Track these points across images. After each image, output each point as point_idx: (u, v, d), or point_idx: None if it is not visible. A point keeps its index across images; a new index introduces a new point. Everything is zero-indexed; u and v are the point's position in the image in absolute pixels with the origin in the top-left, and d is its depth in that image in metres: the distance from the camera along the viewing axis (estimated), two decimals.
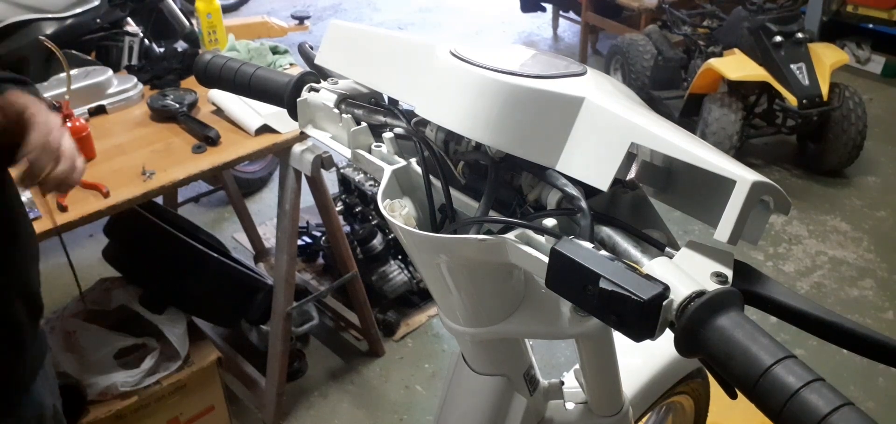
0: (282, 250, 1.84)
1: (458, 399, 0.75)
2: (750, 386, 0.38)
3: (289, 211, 1.80)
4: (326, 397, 2.15)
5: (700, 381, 1.16)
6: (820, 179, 3.32)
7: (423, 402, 2.13)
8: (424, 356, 2.29)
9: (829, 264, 2.76)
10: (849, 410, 0.35)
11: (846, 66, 3.65)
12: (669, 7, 3.94)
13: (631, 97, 0.55)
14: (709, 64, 3.26)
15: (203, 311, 1.92)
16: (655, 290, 0.40)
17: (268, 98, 0.77)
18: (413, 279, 2.36)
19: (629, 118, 0.47)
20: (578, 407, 0.85)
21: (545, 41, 5.33)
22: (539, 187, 0.56)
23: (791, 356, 0.37)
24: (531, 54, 0.56)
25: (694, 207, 0.51)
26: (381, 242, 2.32)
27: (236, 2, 5.88)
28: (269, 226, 2.78)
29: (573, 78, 0.52)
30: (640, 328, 0.41)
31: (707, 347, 0.40)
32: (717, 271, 0.43)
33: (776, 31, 3.13)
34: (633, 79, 3.83)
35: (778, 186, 0.45)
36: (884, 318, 2.47)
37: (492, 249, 0.53)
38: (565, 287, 0.45)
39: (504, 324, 0.66)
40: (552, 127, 0.50)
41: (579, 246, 0.44)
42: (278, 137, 1.68)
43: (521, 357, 0.75)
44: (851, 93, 3.13)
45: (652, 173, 0.52)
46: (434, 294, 0.68)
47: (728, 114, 3.10)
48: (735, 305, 0.41)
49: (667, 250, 0.50)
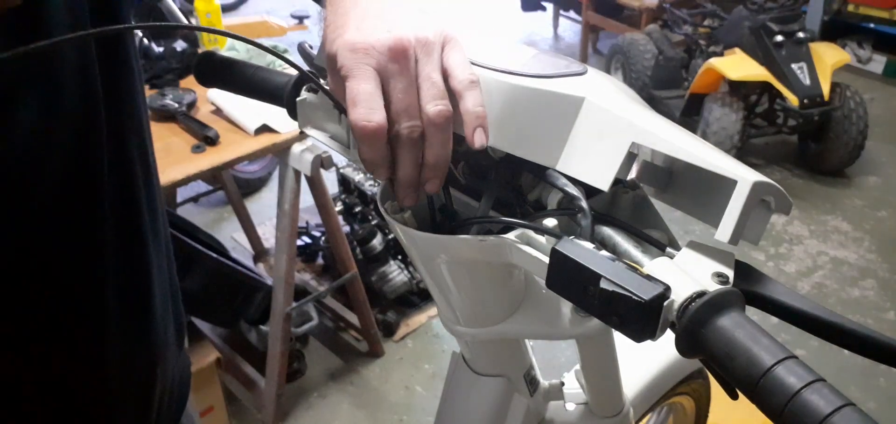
0: (281, 250, 1.84)
1: (458, 399, 0.75)
2: (751, 387, 0.37)
3: (288, 211, 1.80)
4: (326, 397, 2.15)
5: (701, 382, 1.16)
6: (821, 179, 3.32)
7: (423, 403, 2.13)
8: (424, 356, 2.29)
9: (830, 264, 2.76)
10: (850, 410, 0.35)
11: (847, 65, 3.65)
12: (670, 6, 3.94)
13: (632, 97, 0.55)
14: (710, 63, 3.26)
15: (202, 311, 1.92)
16: (656, 290, 0.40)
17: (267, 97, 0.77)
18: (413, 279, 2.36)
19: (630, 118, 0.47)
20: (579, 408, 0.85)
21: (546, 41, 5.33)
22: (539, 186, 0.56)
23: (792, 357, 0.37)
24: (532, 54, 0.56)
25: (695, 207, 0.51)
26: (380, 242, 2.32)
27: (235, 1, 5.88)
28: (268, 226, 2.78)
29: (574, 78, 0.51)
30: (641, 329, 0.40)
31: (708, 347, 0.39)
32: (718, 271, 0.43)
33: (777, 31, 3.13)
34: (633, 78, 3.83)
35: (779, 186, 0.44)
36: (885, 318, 2.47)
37: (492, 249, 0.52)
38: (566, 288, 0.45)
39: (504, 324, 0.66)
40: (552, 127, 0.50)
41: (580, 246, 0.44)
42: (278, 137, 1.67)
43: (521, 358, 0.74)
44: (852, 93, 3.13)
45: (653, 172, 0.52)
46: (434, 295, 0.67)
47: (729, 113, 3.10)
48: (736, 305, 0.41)
49: (668, 250, 0.50)
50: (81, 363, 0.62)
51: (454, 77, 0.49)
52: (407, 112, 0.48)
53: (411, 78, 0.48)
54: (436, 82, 0.48)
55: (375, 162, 0.49)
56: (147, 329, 0.67)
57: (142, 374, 0.68)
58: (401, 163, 0.50)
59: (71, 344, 0.60)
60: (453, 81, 0.49)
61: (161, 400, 0.72)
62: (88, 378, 0.63)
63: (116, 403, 0.66)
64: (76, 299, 0.60)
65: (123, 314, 0.63)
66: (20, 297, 0.56)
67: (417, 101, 0.48)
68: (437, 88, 0.48)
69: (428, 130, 0.48)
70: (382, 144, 0.48)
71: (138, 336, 0.67)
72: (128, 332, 0.64)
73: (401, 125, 0.48)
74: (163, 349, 0.70)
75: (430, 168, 0.50)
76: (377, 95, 0.47)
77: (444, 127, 0.49)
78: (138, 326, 0.66)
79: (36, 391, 0.60)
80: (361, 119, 0.47)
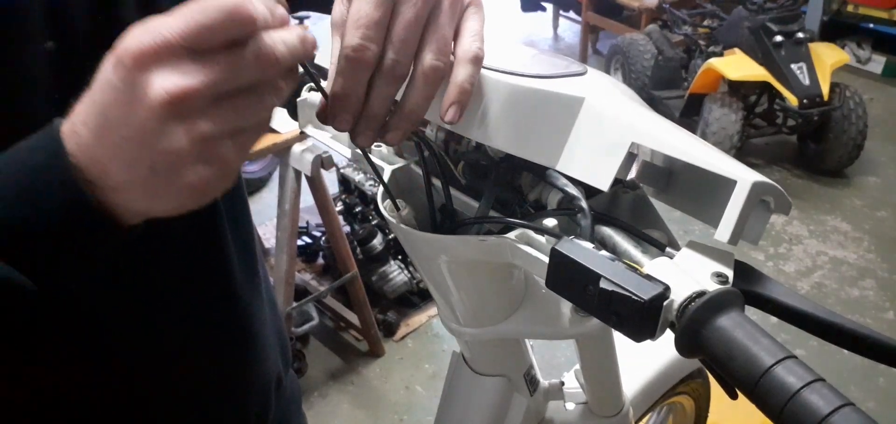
0: (282, 250, 1.84)
1: (458, 399, 0.75)
2: (750, 386, 0.37)
3: (289, 211, 1.80)
4: (326, 397, 2.15)
5: (700, 381, 1.16)
6: (820, 179, 3.32)
7: (423, 402, 2.13)
8: (424, 356, 2.29)
9: (830, 264, 2.76)
10: (849, 410, 0.35)
11: (847, 65, 3.66)
12: (670, 7, 3.94)
13: (632, 97, 0.55)
14: (709, 64, 3.27)
15: None
16: (656, 290, 0.40)
17: None
18: (413, 279, 2.36)
19: (629, 119, 0.47)
20: (579, 408, 0.85)
21: (545, 41, 5.33)
22: (539, 187, 0.56)
23: (792, 357, 0.37)
24: (531, 54, 0.56)
25: (694, 207, 0.51)
26: (381, 242, 2.32)
27: None
28: (268, 226, 2.78)
29: (573, 78, 0.51)
30: (640, 329, 0.41)
31: (707, 347, 0.40)
32: (718, 271, 0.43)
33: (777, 31, 3.13)
34: (633, 79, 3.83)
35: (778, 186, 0.45)
36: (884, 318, 2.47)
37: (492, 249, 0.53)
38: (565, 287, 0.45)
39: (504, 324, 0.66)
40: (552, 127, 0.50)
41: (579, 246, 0.44)
42: (278, 137, 1.67)
43: (521, 358, 0.75)
44: (852, 93, 3.13)
45: (652, 173, 0.52)
46: (434, 294, 0.68)
47: (728, 114, 3.10)
48: (736, 305, 0.41)
49: (667, 250, 0.50)
50: (224, 384, 0.69)
51: (461, 43, 0.46)
52: (403, 46, 0.44)
53: (423, 15, 0.44)
54: (446, 37, 0.45)
55: (349, 98, 0.45)
56: (262, 356, 0.73)
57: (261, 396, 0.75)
58: (373, 92, 0.45)
59: (216, 365, 0.68)
60: (458, 47, 0.46)
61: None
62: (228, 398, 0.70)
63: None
64: (213, 323, 0.67)
65: (244, 336, 0.70)
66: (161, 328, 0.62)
67: (417, 40, 0.45)
68: (444, 42, 0.45)
69: (417, 79, 0.45)
70: (365, 79, 0.44)
71: (257, 362, 0.72)
72: (246, 357, 0.71)
73: (388, 55, 0.44)
74: (276, 370, 0.76)
75: (401, 116, 0.46)
76: (382, 27, 0.43)
77: (434, 83, 0.46)
78: (253, 353, 0.72)
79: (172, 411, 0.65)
80: (356, 48, 0.43)
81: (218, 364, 0.68)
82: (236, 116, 0.39)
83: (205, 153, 0.38)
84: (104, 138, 0.38)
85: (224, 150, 0.39)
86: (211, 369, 0.67)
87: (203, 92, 0.36)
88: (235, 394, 0.70)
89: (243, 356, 0.70)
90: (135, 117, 0.36)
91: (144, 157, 0.37)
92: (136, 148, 0.37)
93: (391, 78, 0.45)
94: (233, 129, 0.39)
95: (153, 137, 0.36)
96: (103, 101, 0.37)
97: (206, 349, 0.66)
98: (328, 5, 0.71)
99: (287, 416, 0.81)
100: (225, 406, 0.69)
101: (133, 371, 0.61)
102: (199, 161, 0.38)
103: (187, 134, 0.37)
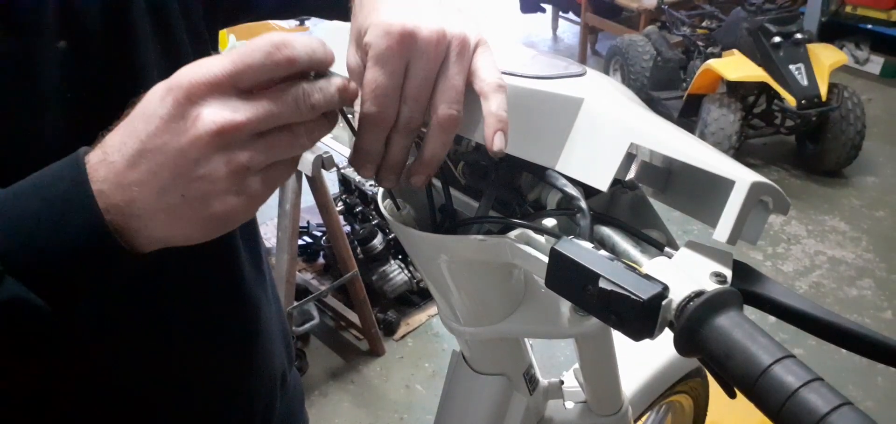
0: (282, 249, 1.84)
1: (458, 398, 0.75)
2: (749, 386, 0.38)
3: (289, 211, 1.80)
4: (327, 396, 2.16)
5: (699, 380, 1.17)
6: (819, 179, 3.33)
7: (424, 401, 2.13)
8: (424, 355, 2.30)
9: (828, 263, 2.76)
10: (848, 409, 0.35)
11: (845, 66, 3.66)
12: (668, 8, 3.94)
13: (631, 98, 0.55)
14: (708, 65, 3.27)
15: None
16: (655, 290, 0.40)
17: None
18: (413, 278, 2.36)
19: (628, 119, 0.48)
20: (578, 407, 0.86)
21: (545, 42, 5.34)
22: (539, 187, 0.56)
23: (790, 356, 0.37)
24: (531, 55, 0.56)
25: (693, 207, 0.51)
26: (381, 241, 2.32)
27: None
28: (269, 226, 2.78)
29: (573, 79, 0.52)
30: (639, 328, 0.41)
31: (706, 346, 0.40)
32: (717, 270, 0.43)
33: (775, 32, 3.13)
34: (632, 80, 3.83)
35: (777, 186, 0.45)
36: (882, 318, 2.47)
37: (492, 249, 0.53)
38: (565, 287, 0.45)
39: (504, 324, 0.66)
40: (552, 128, 0.50)
41: (579, 246, 0.44)
42: None
43: (520, 357, 0.75)
44: (850, 93, 3.14)
45: (651, 173, 0.53)
46: (434, 294, 0.68)
47: (727, 114, 3.10)
48: (734, 304, 0.41)
49: (666, 250, 0.50)
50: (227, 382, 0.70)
51: (482, 79, 0.48)
52: (415, 103, 0.47)
53: (434, 72, 0.47)
54: (457, 86, 0.48)
55: (370, 153, 0.49)
56: (269, 352, 0.75)
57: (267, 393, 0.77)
58: (392, 145, 0.49)
59: (218, 363, 0.69)
60: (480, 83, 0.48)
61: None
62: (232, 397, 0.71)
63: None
64: (223, 324, 0.68)
65: (252, 333, 0.72)
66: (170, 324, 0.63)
67: (428, 95, 0.47)
68: (456, 92, 0.47)
69: (433, 129, 0.48)
70: (383, 137, 0.48)
71: (263, 359, 0.74)
72: (254, 353, 0.72)
73: (403, 112, 0.47)
74: (281, 366, 0.78)
75: (422, 163, 0.50)
76: (397, 90, 0.46)
77: (450, 131, 0.48)
78: (260, 349, 0.73)
79: (175, 406, 0.67)
80: (373, 116, 0.46)
81: (227, 360, 0.69)
82: (271, 152, 0.42)
83: (236, 184, 0.41)
84: (139, 165, 0.40)
85: (254, 183, 0.42)
86: (220, 365, 0.68)
87: (247, 127, 0.40)
88: (243, 390, 0.71)
89: (251, 352, 0.71)
90: (177, 144, 0.39)
91: (179, 184, 0.40)
92: (171, 175, 0.40)
93: (407, 132, 0.48)
94: (266, 162, 0.42)
95: (193, 165, 0.40)
96: (145, 129, 0.40)
97: (216, 344, 0.67)
98: (328, 12, 0.72)
99: (291, 412, 0.82)
100: (232, 402, 0.71)
101: (143, 368, 0.62)
102: (230, 192, 0.41)
103: (227, 164, 0.40)
